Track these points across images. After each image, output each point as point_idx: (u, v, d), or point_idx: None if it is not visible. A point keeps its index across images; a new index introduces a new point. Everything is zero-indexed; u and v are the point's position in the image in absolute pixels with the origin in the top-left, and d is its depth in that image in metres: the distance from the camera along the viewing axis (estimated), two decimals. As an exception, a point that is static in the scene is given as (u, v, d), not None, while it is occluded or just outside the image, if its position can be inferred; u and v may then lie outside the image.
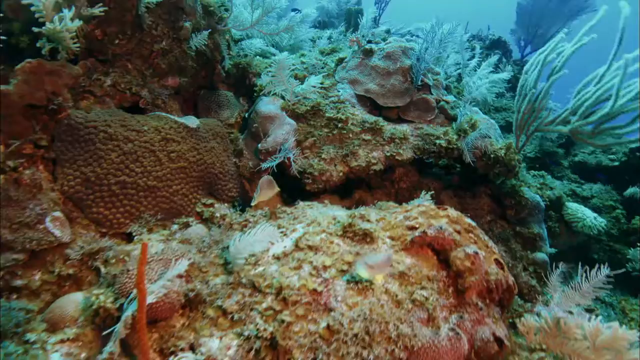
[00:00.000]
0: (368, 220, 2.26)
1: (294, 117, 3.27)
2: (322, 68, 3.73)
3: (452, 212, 2.20)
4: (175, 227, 2.44)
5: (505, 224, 3.66)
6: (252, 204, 2.59)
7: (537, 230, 3.52)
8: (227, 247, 2.16)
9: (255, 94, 3.50)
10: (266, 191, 2.59)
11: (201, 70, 3.45)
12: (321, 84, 3.45)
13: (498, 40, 7.47)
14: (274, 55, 5.10)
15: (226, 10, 3.43)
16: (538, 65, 3.19)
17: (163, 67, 2.90)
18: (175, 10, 2.89)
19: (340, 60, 3.74)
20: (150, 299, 1.62)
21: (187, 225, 2.50)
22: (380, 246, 2.05)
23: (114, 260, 2.08)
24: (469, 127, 3.21)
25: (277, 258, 2.05)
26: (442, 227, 2.02)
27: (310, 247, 2.03)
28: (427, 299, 1.82)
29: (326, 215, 2.35)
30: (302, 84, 3.26)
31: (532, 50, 7.66)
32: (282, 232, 2.23)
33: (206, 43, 3.21)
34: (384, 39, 6.48)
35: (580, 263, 4.69)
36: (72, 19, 2.11)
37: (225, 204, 2.92)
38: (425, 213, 2.20)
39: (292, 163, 2.83)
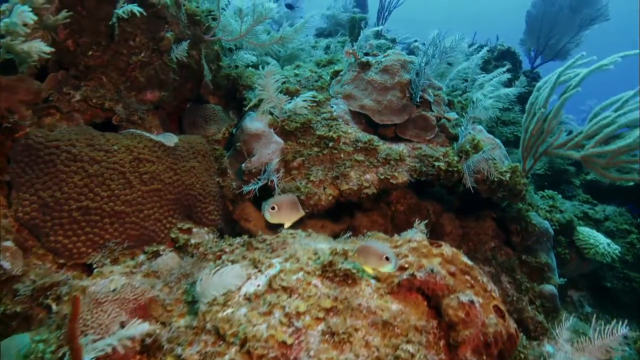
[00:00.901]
0: (353, 256, 2.03)
1: (284, 135, 3.06)
2: (317, 81, 3.52)
3: (447, 250, 1.96)
4: (143, 257, 2.23)
5: (511, 251, 3.40)
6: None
7: (545, 259, 3.25)
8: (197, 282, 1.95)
9: (244, 108, 3.30)
10: (288, 212, 2.14)
11: (186, 83, 3.26)
12: (313, 99, 3.23)
13: (507, 51, 7.21)
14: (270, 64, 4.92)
15: (214, 19, 3.24)
16: (550, 84, 2.94)
17: (141, 81, 2.70)
18: (156, 20, 2.70)
19: (336, 73, 3.52)
20: (89, 357, 1.41)
21: (156, 255, 2.29)
22: (364, 289, 1.82)
23: (67, 297, 1.87)
24: (472, 147, 2.97)
25: (248, 299, 1.84)
26: (433, 270, 1.78)
27: (284, 289, 1.81)
28: (413, 355, 1.58)
29: (307, 248, 2.12)
30: (292, 99, 3.05)
31: (542, 61, 7.39)
32: (257, 269, 2.01)
33: (189, 54, 3.02)
34: (388, 49, 6.26)
35: (591, 291, 4.40)
36: (30, 27, 1.92)
37: (205, 228, 2.71)
38: (416, 250, 1.97)
39: (276, 186, 2.61)
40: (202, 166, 2.81)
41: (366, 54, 3.48)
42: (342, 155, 2.87)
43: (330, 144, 2.90)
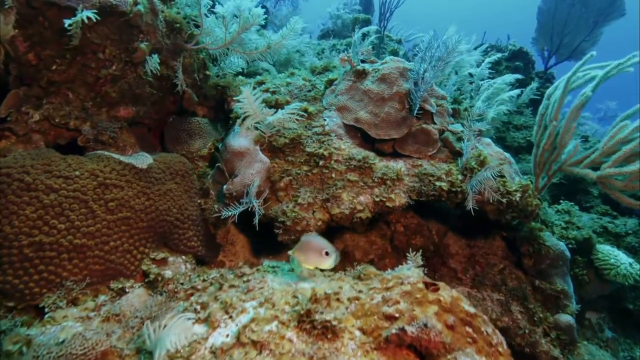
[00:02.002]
0: (337, 300, 1.77)
1: (271, 151, 2.81)
2: (310, 91, 3.26)
3: (445, 296, 1.69)
4: (103, 298, 1.99)
5: (522, 275, 3.10)
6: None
7: (560, 285, 2.95)
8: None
9: (231, 122, 3.06)
10: (316, 256, 1.91)
11: (168, 95, 3.03)
12: (302, 111, 2.98)
13: (519, 51, 6.85)
14: (267, 71, 4.67)
15: (197, 26, 3.01)
16: (560, 91, 2.64)
17: (113, 96, 2.48)
18: (128, 29, 2.47)
19: (330, 82, 3.26)
20: None
21: (122, 292, 2.06)
22: (346, 344, 1.56)
23: (10, 349, 1.65)
24: (477, 164, 2.68)
25: (214, 352, 1.60)
26: (427, 325, 1.51)
27: (254, 343, 1.56)
28: None
29: (286, 290, 1.87)
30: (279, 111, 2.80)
31: (557, 61, 7.01)
32: (228, 314, 1.77)
33: (169, 65, 2.79)
34: (393, 52, 5.97)
35: (612, 313, 4.07)
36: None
37: (183, 257, 2.48)
38: (409, 295, 1.70)
39: (256, 213, 2.36)
40: (181, 188, 2.58)
41: (363, 61, 3.21)
42: (333, 175, 2.61)
43: (321, 162, 2.64)
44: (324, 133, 2.82)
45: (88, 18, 2.16)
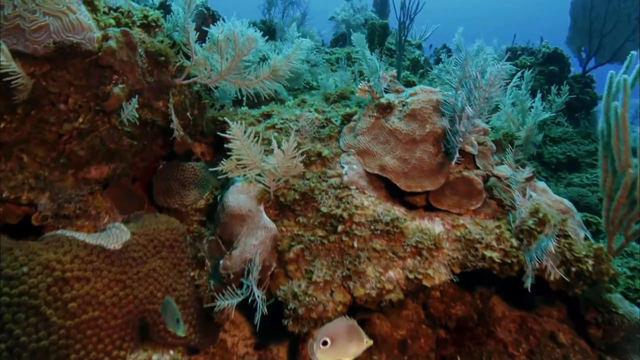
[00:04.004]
0: None
1: (278, 209, 2.31)
2: (323, 127, 2.74)
3: None
4: None
5: (588, 347, 2.54)
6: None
7: (638, 366, 2.38)
8: None
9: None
10: (345, 345, 1.63)
11: (156, 139, 2.55)
12: (318, 155, 2.47)
13: (554, 54, 6.20)
14: (275, 91, 4.16)
15: (187, 56, 2.51)
16: (620, 118, 2.07)
17: (81, 155, 2.00)
18: (97, 71, 1.99)
19: (349, 117, 2.74)
20: None
21: None
22: None
23: None
24: (535, 224, 2.13)
25: None
26: None
27: None
28: None
29: None
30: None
31: (596, 64, 6.32)
32: None
33: (153, 107, 2.31)
34: (414, 61, 5.39)
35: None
36: None
37: (171, 352, 2.00)
38: None
39: (258, 308, 1.85)
40: (169, 262, 2.10)
41: (386, 90, 2.68)
42: (355, 244, 2.09)
43: (340, 228, 2.12)
44: (342, 186, 2.30)
45: (42, 64, 1.69)
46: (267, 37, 2.77)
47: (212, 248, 2.25)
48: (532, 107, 3.74)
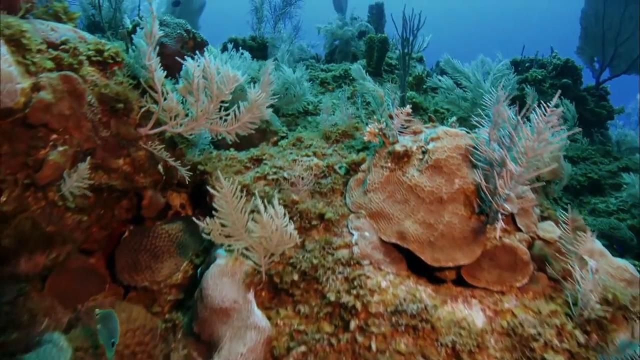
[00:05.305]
0: None
1: (273, 293, 1.83)
2: (325, 177, 2.26)
3: None
4: None
5: None
6: None
7: None
8: None
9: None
10: None
11: (120, 201, 2.06)
12: (321, 217, 1.99)
13: (566, 65, 5.76)
14: (267, 121, 3.68)
15: (154, 101, 2.02)
16: None
17: (4, 245, 1.50)
18: (25, 132, 1.50)
19: (356, 165, 2.25)
20: None
21: None
22: None
23: None
24: (604, 312, 1.65)
25: None
26: None
27: None
28: None
29: None
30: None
31: (611, 75, 5.90)
32: None
33: (112, 169, 1.83)
34: (418, 79, 4.93)
35: None
36: None
37: None
38: None
39: None
40: (129, 376, 1.59)
41: (400, 131, 2.20)
42: (373, 345, 1.60)
43: (353, 324, 1.63)
44: (353, 262, 1.81)
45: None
46: (257, 54, 2.31)
47: (190, 355, 1.74)
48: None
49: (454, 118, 2.57)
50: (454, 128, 2.33)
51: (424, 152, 2.02)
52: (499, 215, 1.75)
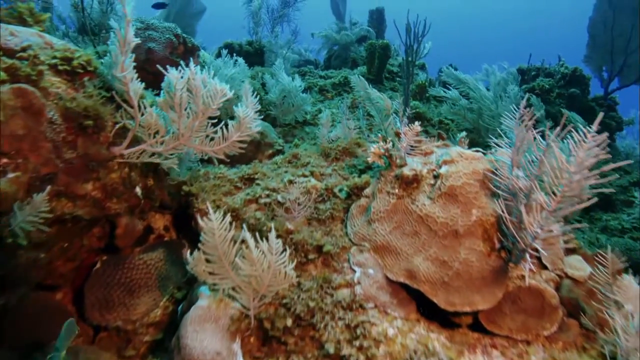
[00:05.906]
0: None
1: (262, 339, 1.58)
2: (324, 202, 2.02)
3: None
4: None
5: None
6: None
7: None
8: None
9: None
10: None
11: (90, 229, 1.81)
12: (318, 250, 1.75)
13: (574, 75, 5.55)
14: (262, 133, 3.44)
15: (130, 116, 1.78)
16: None
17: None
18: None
19: (358, 189, 2.01)
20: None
21: None
22: None
23: None
24: (649, 368, 1.41)
25: None
26: None
27: None
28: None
29: None
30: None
31: (620, 84, 5.69)
32: None
33: (78, 196, 1.58)
34: (421, 87, 4.70)
35: None
36: None
37: None
38: None
39: None
40: None
41: (408, 152, 1.96)
42: (379, 410, 1.36)
43: (355, 384, 1.39)
44: (355, 305, 1.57)
45: None
46: (254, 59, 2.08)
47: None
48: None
49: (464, 134, 2.34)
50: (464, 145, 2.11)
51: (435, 177, 1.78)
52: (527, 255, 1.52)
